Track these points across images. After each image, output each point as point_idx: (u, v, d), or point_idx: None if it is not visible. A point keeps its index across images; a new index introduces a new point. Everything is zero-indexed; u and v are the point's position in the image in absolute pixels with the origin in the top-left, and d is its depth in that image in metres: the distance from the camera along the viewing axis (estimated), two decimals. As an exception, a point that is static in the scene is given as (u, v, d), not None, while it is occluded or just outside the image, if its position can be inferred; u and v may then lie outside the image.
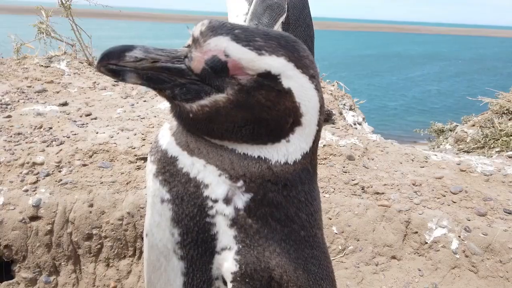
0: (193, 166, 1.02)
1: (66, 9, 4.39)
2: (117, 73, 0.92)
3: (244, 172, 1.00)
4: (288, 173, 1.02)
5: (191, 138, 1.05)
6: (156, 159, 1.09)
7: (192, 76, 0.95)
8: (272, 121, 0.97)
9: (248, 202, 1.00)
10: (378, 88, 21.71)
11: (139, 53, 0.92)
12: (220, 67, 0.92)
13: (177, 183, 1.03)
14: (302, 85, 0.97)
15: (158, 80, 0.95)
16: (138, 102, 3.61)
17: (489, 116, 4.00)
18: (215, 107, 0.95)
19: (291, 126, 1.00)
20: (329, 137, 3.18)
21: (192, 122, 0.99)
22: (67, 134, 2.82)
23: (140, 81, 0.94)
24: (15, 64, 4.17)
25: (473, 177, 2.80)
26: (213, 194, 1.00)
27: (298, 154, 1.03)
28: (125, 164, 2.61)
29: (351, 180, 2.72)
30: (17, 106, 3.23)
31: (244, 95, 0.94)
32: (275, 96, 0.94)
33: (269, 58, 0.92)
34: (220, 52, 0.91)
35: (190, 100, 0.96)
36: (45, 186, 2.39)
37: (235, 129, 0.97)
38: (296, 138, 1.01)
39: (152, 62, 0.93)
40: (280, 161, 1.01)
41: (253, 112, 0.95)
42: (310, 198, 1.08)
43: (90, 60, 4.53)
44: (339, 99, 4.37)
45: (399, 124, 13.75)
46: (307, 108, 0.99)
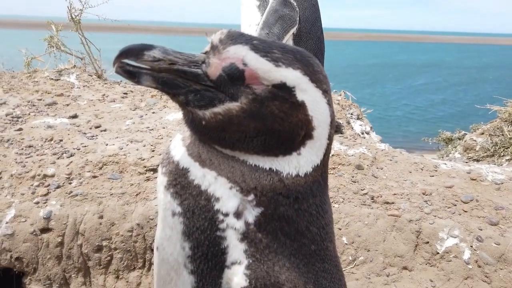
0: (204, 178, 1.02)
1: (76, 23, 4.47)
2: (133, 75, 0.92)
3: (255, 185, 0.99)
4: (300, 185, 1.02)
5: (203, 149, 1.04)
6: (167, 170, 1.08)
7: (207, 82, 0.95)
8: (284, 132, 0.97)
9: (258, 217, 1.00)
10: (382, 97, 21.66)
11: (157, 53, 0.92)
12: (237, 75, 0.93)
13: (188, 196, 1.03)
14: (315, 99, 0.98)
15: (173, 84, 0.95)
16: (147, 114, 3.64)
17: (498, 124, 3.97)
18: (228, 115, 0.95)
19: (303, 139, 1.00)
20: (337, 147, 3.17)
21: (204, 130, 0.99)
22: (77, 146, 2.85)
23: (155, 84, 0.94)
24: (26, 77, 4.24)
25: (483, 186, 2.78)
26: (224, 207, 1.00)
27: (309, 167, 1.02)
28: (134, 175, 2.62)
29: (360, 189, 2.70)
30: (28, 119, 3.28)
31: (257, 105, 0.94)
32: (289, 108, 0.95)
33: (285, 70, 0.93)
34: (238, 60, 0.92)
35: (203, 107, 0.96)
36: (56, 198, 2.41)
37: (247, 139, 0.97)
38: (307, 151, 1.01)
39: (169, 64, 0.93)
40: (291, 174, 1.01)
41: (265, 122, 0.95)
42: (321, 211, 1.07)
43: (99, 73, 4.59)
44: (346, 108, 4.38)
45: (404, 133, 13.68)
46: (319, 121, 1.00)
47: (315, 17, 3.23)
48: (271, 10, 3.05)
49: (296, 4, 3.07)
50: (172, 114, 3.62)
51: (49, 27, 4.67)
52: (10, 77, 4.28)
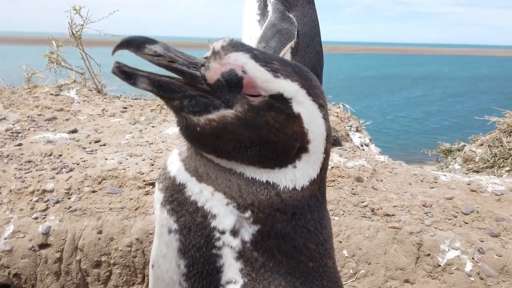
0: (201, 194, 1.01)
1: (76, 39, 4.51)
2: (130, 76, 0.92)
3: (253, 201, 0.99)
4: (297, 200, 1.01)
5: (200, 162, 1.04)
6: (164, 187, 1.08)
7: (204, 86, 0.95)
8: (279, 144, 0.97)
9: (255, 235, 1.00)
10: (379, 109, 21.75)
11: (159, 49, 0.92)
12: (235, 81, 0.93)
13: (184, 213, 1.02)
14: (311, 112, 0.99)
15: (169, 88, 0.95)
16: (146, 128, 3.65)
17: (497, 135, 3.98)
18: (223, 123, 0.94)
19: (298, 152, 1.00)
20: (336, 159, 3.17)
21: (198, 137, 0.98)
22: (76, 161, 2.85)
23: (150, 87, 0.94)
24: (26, 93, 4.26)
25: (484, 197, 2.77)
26: (220, 225, 0.99)
27: (306, 180, 1.02)
28: (134, 189, 2.62)
29: (360, 202, 2.70)
30: (27, 134, 3.28)
31: (253, 114, 0.94)
32: (284, 119, 0.95)
33: (283, 82, 0.95)
34: (238, 67, 0.93)
35: (198, 113, 0.95)
36: (55, 213, 2.40)
37: (242, 149, 0.97)
38: (302, 165, 1.01)
39: (169, 61, 0.93)
40: (288, 187, 1.00)
41: (260, 132, 0.95)
42: (319, 227, 1.06)
43: (99, 87, 4.61)
44: (345, 121, 4.39)
45: (402, 145, 13.69)
46: (314, 135, 1.00)
47: (314, 32, 3.25)
48: (269, 24, 3.08)
49: (295, 19, 3.09)
50: (171, 128, 3.62)
51: (50, 43, 4.71)
52: (10, 92, 4.30)
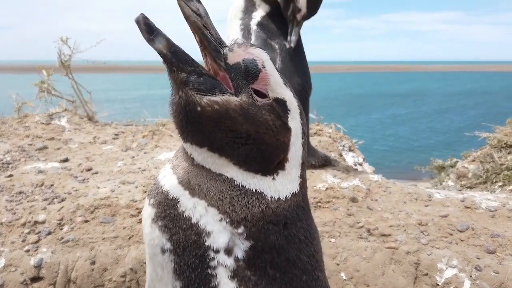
0: (195, 210, 1.00)
1: (65, 68, 4.53)
2: (151, 30, 0.89)
3: (245, 215, 0.99)
4: (285, 210, 1.03)
5: (193, 172, 1.04)
6: (156, 202, 1.06)
7: (222, 63, 0.96)
8: (269, 148, 1.00)
9: (247, 252, 0.99)
10: (369, 127, 21.95)
11: (202, 10, 0.93)
12: (253, 71, 0.97)
13: (178, 230, 1.01)
14: (297, 133, 1.05)
15: (183, 58, 0.93)
16: (138, 154, 3.63)
17: (488, 150, 4.02)
18: (225, 107, 0.94)
19: (277, 167, 1.04)
20: (330, 180, 3.17)
21: (196, 119, 0.96)
22: (68, 190, 2.81)
23: (166, 50, 0.91)
24: (16, 123, 4.23)
25: (478, 214, 2.78)
26: (215, 244, 0.99)
27: (288, 192, 1.05)
28: (127, 218, 2.58)
29: (356, 223, 2.69)
30: (18, 165, 3.25)
31: (255, 110, 0.97)
32: (280, 126, 1.00)
33: (289, 93, 1.03)
34: (259, 60, 0.99)
35: (202, 91, 0.94)
36: (47, 245, 2.35)
37: (235, 145, 0.98)
38: (281, 179, 1.05)
39: (203, 25, 0.93)
40: (274, 197, 1.02)
41: (257, 129, 0.97)
42: (309, 237, 1.08)
43: (90, 115, 4.61)
44: (337, 141, 4.41)
45: (393, 162, 13.78)
46: (292, 156, 1.05)
47: (299, 56, 3.22)
48: None
49: (278, 46, 3.08)
50: (164, 153, 3.61)
51: (40, 72, 4.72)
52: (1, 122, 4.27)
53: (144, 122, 4.80)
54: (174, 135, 4.22)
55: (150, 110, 5.06)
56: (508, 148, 3.93)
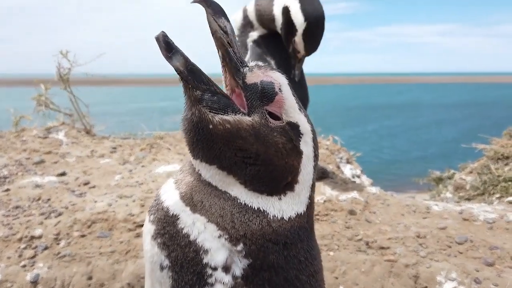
0: (194, 226, 1.00)
1: (64, 82, 4.54)
2: (170, 48, 0.90)
3: (245, 232, 0.98)
4: (287, 229, 1.02)
5: (197, 188, 1.04)
6: (156, 218, 1.06)
7: (240, 81, 0.99)
8: (277, 169, 1.00)
9: (246, 269, 0.99)
10: (365, 138, 21.97)
11: (229, 28, 0.96)
12: (270, 93, 0.99)
13: (176, 247, 1.00)
14: (309, 157, 1.06)
15: (199, 77, 0.95)
16: (136, 168, 3.63)
17: (485, 162, 4.03)
18: (237, 127, 0.95)
19: (285, 187, 1.04)
20: (328, 192, 3.17)
21: (207, 136, 0.97)
22: (65, 204, 2.80)
23: (182, 68, 0.92)
24: (14, 137, 4.22)
25: (476, 226, 2.78)
26: (212, 261, 0.98)
27: (293, 213, 1.05)
28: (124, 232, 2.57)
29: (354, 235, 2.68)
30: (15, 179, 3.23)
31: (266, 131, 0.98)
32: (290, 149, 1.01)
33: (303, 118, 1.04)
34: (277, 83, 1.00)
35: (215, 110, 0.95)
36: (43, 260, 2.33)
37: (244, 164, 0.98)
38: (288, 199, 1.05)
39: (227, 43, 0.96)
40: (276, 216, 1.02)
41: (267, 150, 0.98)
42: (310, 258, 1.07)
43: (88, 128, 4.60)
44: (335, 153, 4.42)
45: (390, 173, 13.77)
46: (303, 179, 1.06)
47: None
48: None
49: (274, 62, 3.11)
50: (161, 167, 3.61)
51: (38, 85, 4.73)
52: (-2, 136, 4.26)
53: (142, 135, 4.80)
54: (171, 148, 4.22)
55: (147, 123, 5.07)
56: (505, 160, 3.95)
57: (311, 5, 2.83)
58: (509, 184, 3.49)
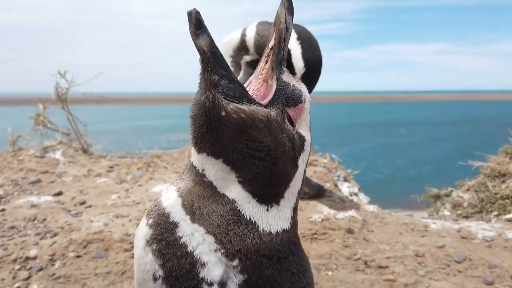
0: (192, 237, 0.98)
1: (62, 101, 4.56)
2: (200, 26, 0.88)
3: (240, 247, 0.97)
4: (278, 244, 1.02)
5: (197, 192, 1.02)
6: (155, 222, 1.02)
7: (277, 73, 1.01)
8: (279, 171, 1.00)
9: (241, 285, 0.97)
10: (362, 156, 21.95)
11: (290, 27, 0.99)
12: (297, 97, 1.03)
13: (172, 257, 0.98)
14: (300, 175, 1.08)
15: (220, 61, 0.92)
16: (132, 187, 3.61)
17: (482, 179, 4.04)
18: (252, 117, 0.94)
19: (273, 198, 1.03)
20: (326, 211, 3.16)
21: (218, 124, 0.94)
22: (61, 224, 2.78)
23: (207, 48, 0.90)
24: (11, 156, 4.21)
25: (475, 244, 2.77)
26: (209, 276, 0.96)
27: (279, 228, 1.04)
28: (120, 252, 2.54)
29: (353, 254, 2.66)
30: (11, 199, 3.21)
31: (278, 127, 0.98)
32: (291, 157, 1.02)
33: (309, 138, 1.08)
34: (304, 94, 1.05)
35: (230, 97, 0.93)
36: (38, 281, 2.29)
37: (252, 159, 0.97)
38: (273, 213, 1.04)
39: (284, 40, 0.99)
40: (265, 230, 1.01)
41: (277, 147, 0.98)
42: (301, 269, 1.07)
43: (85, 147, 4.60)
44: (332, 171, 4.42)
45: (387, 191, 13.72)
46: (288, 194, 1.06)
47: None
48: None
49: None
50: (158, 185, 3.60)
51: (35, 104, 4.74)
52: (-6, 156, 4.25)
53: (139, 153, 4.80)
54: (168, 167, 4.21)
55: (144, 140, 5.08)
56: (502, 177, 3.96)
57: (312, 52, 2.87)
58: (507, 202, 3.49)
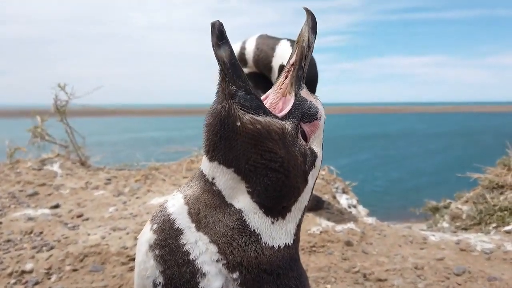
0: (196, 245, 0.97)
1: (61, 114, 4.56)
2: (222, 37, 0.91)
3: (242, 259, 0.97)
4: (279, 259, 1.01)
5: (205, 201, 1.02)
6: (159, 228, 1.01)
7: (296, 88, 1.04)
8: (289, 184, 1.00)
9: None
10: (359, 168, 21.87)
11: (312, 46, 1.03)
12: (313, 114, 1.04)
13: (173, 264, 0.97)
14: (307, 192, 1.07)
15: (238, 73, 0.94)
16: (130, 200, 3.60)
17: (480, 191, 4.04)
18: (268, 128, 0.95)
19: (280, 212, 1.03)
20: (324, 223, 3.15)
21: (233, 134, 0.95)
22: (57, 238, 2.75)
23: (227, 59, 0.92)
24: (8, 169, 4.20)
25: (474, 256, 2.75)
26: (208, 287, 0.96)
27: (281, 242, 1.03)
28: (117, 266, 2.52)
29: (351, 267, 2.64)
30: (8, 212, 3.19)
31: (292, 141, 0.99)
32: (302, 171, 1.02)
33: (321, 155, 1.08)
34: (320, 112, 1.06)
35: (246, 108, 0.94)
36: (33, 296, 2.27)
37: (265, 170, 0.96)
38: (277, 227, 1.03)
39: (305, 56, 1.03)
40: (267, 244, 1.00)
41: (289, 160, 0.98)
42: (300, 285, 1.06)
43: (83, 160, 4.59)
44: (331, 183, 4.42)
45: (385, 203, 13.68)
46: (295, 209, 1.06)
47: None
48: None
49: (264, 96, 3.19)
50: (156, 198, 3.58)
51: (34, 117, 4.74)
52: (-8, 168, 4.23)
53: (137, 166, 4.79)
54: (166, 179, 4.20)
55: (142, 152, 5.07)
56: (500, 189, 3.96)
57: (309, 71, 2.91)
58: (505, 214, 3.49)
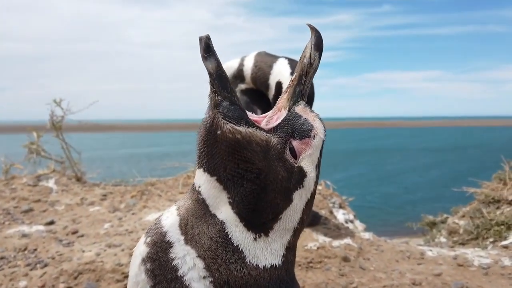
0: (184, 260, 0.97)
1: (57, 129, 4.55)
2: (209, 50, 0.94)
3: (228, 279, 0.96)
4: (266, 281, 0.99)
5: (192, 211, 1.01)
6: (152, 241, 1.01)
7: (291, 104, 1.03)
8: (266, 199, 0.97)
9: None
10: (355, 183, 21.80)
11: (315, 65, 1.02)
12: (304, 132, 1.00)
13: (162, 279, 0.97)
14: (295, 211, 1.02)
15: (225, 84, 0.97)
16: (126, 216, 3.57)
17: (477, 206, 4.04)
18: (249, 139, 0.95)
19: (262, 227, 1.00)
20: (321, 239, 3.13)
21: (213, 142, 0.97)
22: (52, 255, 2.72)
23: (213, 71, 0.95)
24: (3, 185, 4.16)
25: (471, 272, 2.74)
26: None
27: (267, 263, 1.00)
28: (112, 283, 2.48)
29: (349, 283, 2.62)
30: (2, 229, 3.15)
31: (275, 155, 0.97)
32: (283, 188, 0.99)
33: (314, 174, 1.03)
34: (315, 131, 1.02)
35: (228, 118, 0.96)
36: (26, 315, 2.23)
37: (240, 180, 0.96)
38: (261, 245, 1.00)
39: (305, 74, 1.02)
40: (252, 263, 0.98)
41: (268, 174, 0.96)
42: None
43: (79, 175, 4.56)
44: (327, 198, 4.41)
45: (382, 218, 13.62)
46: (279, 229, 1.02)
47: None
48: None
49: (260, 111, 3.22)
50: (152, 214, 3.56)
51: (30, 133, 4.73)
52: (-14, 185, 4.20)
53: (133, 182, 4.76)
54: (162, 195, 4.18)
55: (138, 167, 5.05)
56: (496, 203, 3.97)
57: None
58: (502, 228, 3.49)
